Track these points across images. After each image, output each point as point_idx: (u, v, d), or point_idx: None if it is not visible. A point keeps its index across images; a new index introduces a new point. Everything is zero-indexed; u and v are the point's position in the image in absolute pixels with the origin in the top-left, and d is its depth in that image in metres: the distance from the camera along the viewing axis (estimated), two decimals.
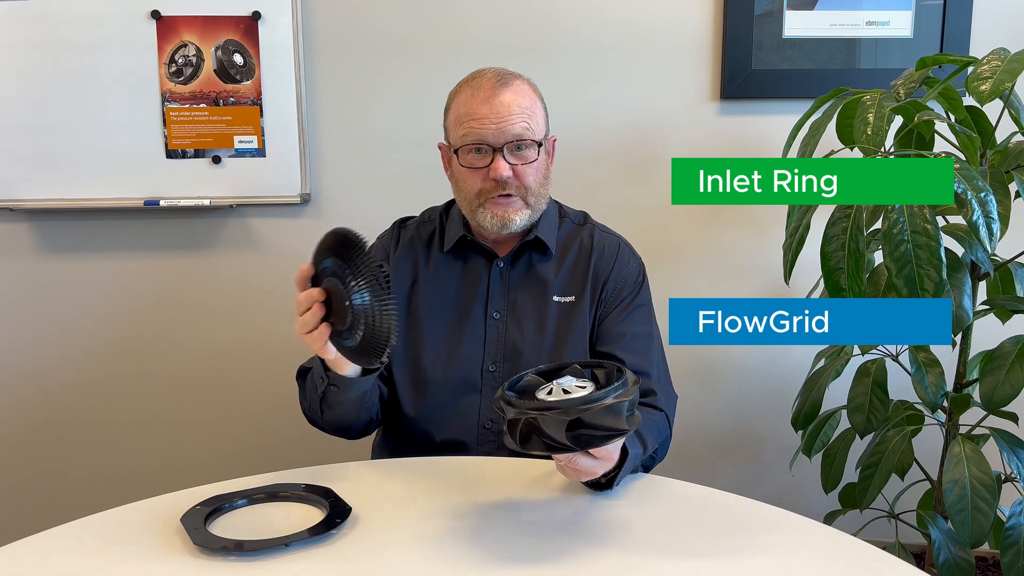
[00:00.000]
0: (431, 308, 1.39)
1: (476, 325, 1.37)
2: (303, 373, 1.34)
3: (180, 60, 1.93)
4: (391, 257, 1.43)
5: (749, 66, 1.91)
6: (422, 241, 1.44)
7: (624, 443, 1.10)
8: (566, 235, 1.43)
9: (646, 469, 1.27)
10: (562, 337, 1.36)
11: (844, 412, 1.71)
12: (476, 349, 1.36)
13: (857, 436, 1.63)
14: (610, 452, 1.03)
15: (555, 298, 1.38)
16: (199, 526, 0.99)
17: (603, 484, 1.12)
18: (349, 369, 1.20)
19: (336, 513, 1.03)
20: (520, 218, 1.33)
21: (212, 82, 1.93)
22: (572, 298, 1.38)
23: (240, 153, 1.96)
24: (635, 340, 1.36)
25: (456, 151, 1.34)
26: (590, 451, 0.99)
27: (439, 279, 1.40)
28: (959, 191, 1.25)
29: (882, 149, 1.32)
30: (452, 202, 1.47)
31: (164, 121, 1.95)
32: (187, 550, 0.97)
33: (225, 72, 1.93)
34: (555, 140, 1.43)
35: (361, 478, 1.18)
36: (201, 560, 0.95)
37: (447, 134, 1.39)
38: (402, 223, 1.49)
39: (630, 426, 0.95)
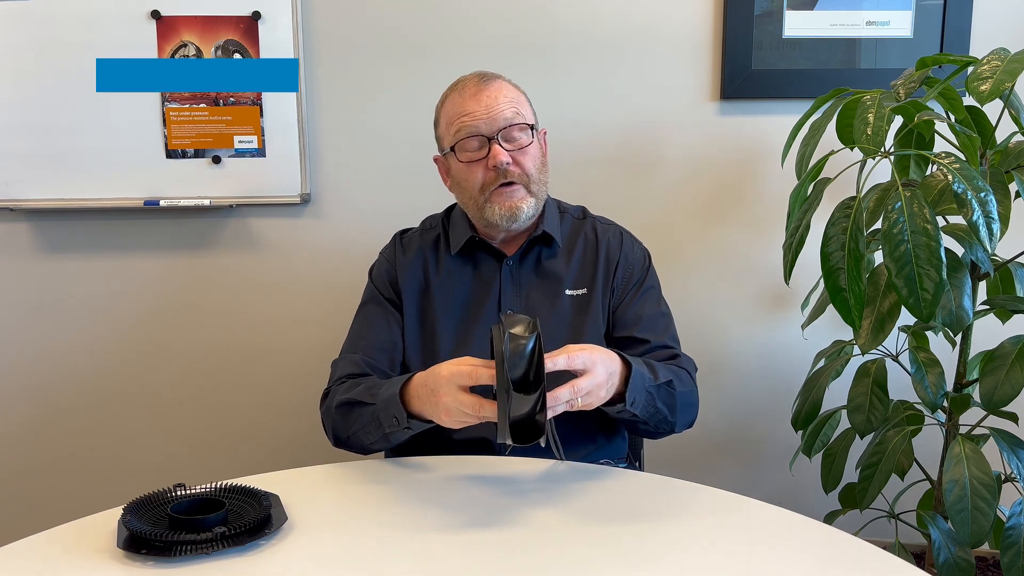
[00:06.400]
0: (445, 312, 1.40)
1: (490, 325, 1.37)
2: (347, 404, 1.28)
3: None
4: (398, 267, 1.44)
5: (749, 66, 1.91)
6: (428, 247, 1.45)
7: (625, 357, 1.20)
8: (569, 230, 1.46)
9: (666, 431, 1.30)
10: (578, 330, 1.38)
11: (844, 412, 1.71)
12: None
13: (857, 436, 1.63)
14: (593, 361, 1.10)
15: (568, 292, 1.40)
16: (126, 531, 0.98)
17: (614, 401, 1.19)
18: None
19: (268, 522, 1.01)
20: (527, 206, 1.35)
21: None
22: (584, 290, 1.40)
23: (240, 153, 1.96)
24: (651, 320, 1.40)
25: (452, 149, 1.36)
26: (574, 368, 1.08)
27: (450, 283, 1.41)
28: (959, 191, 1.25)
29: (882, 149, 1.32)
30: (452, 207, 1.47)
31: (164, 121, 1.95)
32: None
33: None
34: (545, 132, 1.44)
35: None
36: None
37: (440, 142, 1.41)
38: (402, 234, 1.50)
39: (541, 325, 1.04)
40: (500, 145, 1.32)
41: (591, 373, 1.10)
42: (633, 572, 0.93)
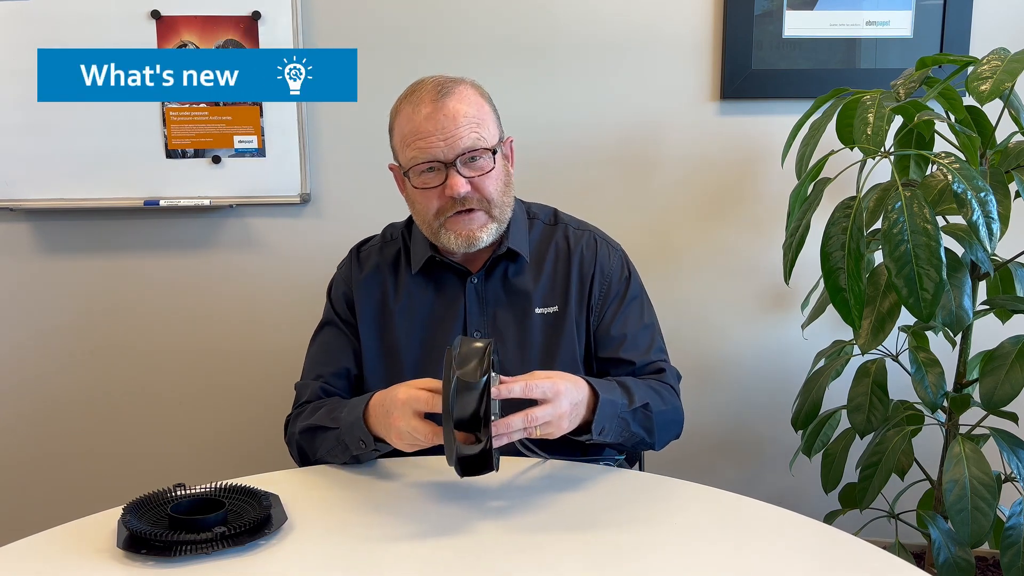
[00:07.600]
0: (407, 334, 1.33)
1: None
2: (310, 430, 1.26)
3: None
4: (354, 288, 1.37)
5: (749, 66, 1.91)
6: (387, 264, 1.37)
7: (594, 386, 1.14)
8: (539, 239, 1.36)
9: (645, 449, 1.28)
10: (550, 350, 1.31)
11: (844, 412, 1.71)
12: None
13: (857, 436, 1.63)
14: (556, 391, 1.06)
15: (537, 310, 1.32)
16: (125, 531, 0.98)
17: (583, 431, 1.15)
18: None
19: (267, 522, 1.01)
20: (486, 234, 1.26)
21: None
22: (555, 308, 1.32)
23: (240, 153, 1.96)
24: (635, 338, 1.33)
25: (407, 173, 1.26)
26: (533, 396, 1.04)
27: (412, 304, 1.34)
28: (959, 191, 1.25)
29: (882, 149, 1.32)
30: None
31: (164, 121, 1.95)
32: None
33: None
34: (511, 141, 1.34)
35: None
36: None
37: (395, 154, 1.32)
38: (359, 248, 1.42)
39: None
40: (459, 173, 1.22)
41: (552, 403, 1.06)
42: (632, 572, 0.93)
